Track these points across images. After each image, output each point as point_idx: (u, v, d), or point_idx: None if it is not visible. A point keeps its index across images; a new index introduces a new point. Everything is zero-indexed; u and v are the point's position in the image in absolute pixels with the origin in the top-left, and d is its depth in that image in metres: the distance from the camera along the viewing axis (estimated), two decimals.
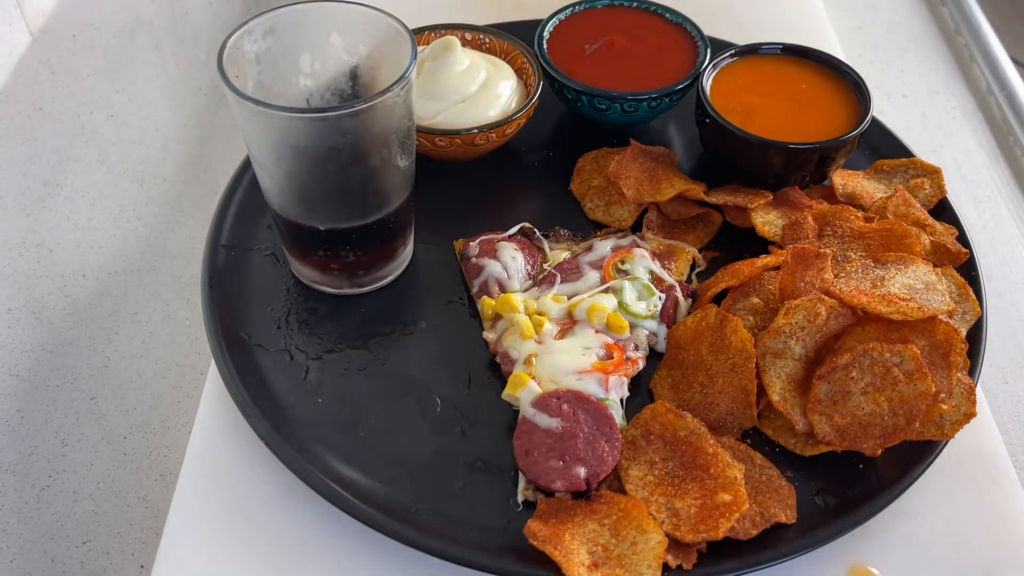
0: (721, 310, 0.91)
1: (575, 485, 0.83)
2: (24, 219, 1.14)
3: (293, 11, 0.90)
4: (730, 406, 0.88)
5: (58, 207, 1.16)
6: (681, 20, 1.18)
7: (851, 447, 0.84)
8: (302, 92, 0.94)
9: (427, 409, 0.91)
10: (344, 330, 0.97)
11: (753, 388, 0.87)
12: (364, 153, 0.87)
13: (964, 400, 0.85)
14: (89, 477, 0.95)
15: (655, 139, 1.17)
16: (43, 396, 1.00)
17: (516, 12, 1.37)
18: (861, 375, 0.84)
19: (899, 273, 0.92)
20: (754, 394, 0.87)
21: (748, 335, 0.88)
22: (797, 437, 0.87)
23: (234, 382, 0.90)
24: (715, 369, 0.89)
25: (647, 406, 0.88)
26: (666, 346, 0.94)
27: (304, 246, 0.95)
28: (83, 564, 0.89)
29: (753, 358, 0.87)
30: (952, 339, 0.85)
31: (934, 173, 1.08)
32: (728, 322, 0.89)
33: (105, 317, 1.07)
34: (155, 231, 1.17)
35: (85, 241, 1.14)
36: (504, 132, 1.07)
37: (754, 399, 0.87)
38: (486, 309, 0.96)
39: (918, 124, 1.34)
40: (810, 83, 1.10)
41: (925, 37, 1.49)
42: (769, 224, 1.02)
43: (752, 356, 0.87)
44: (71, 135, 1.22)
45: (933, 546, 0.84)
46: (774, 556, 0.80)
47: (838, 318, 0.88)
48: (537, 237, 1.04)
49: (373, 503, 0.82)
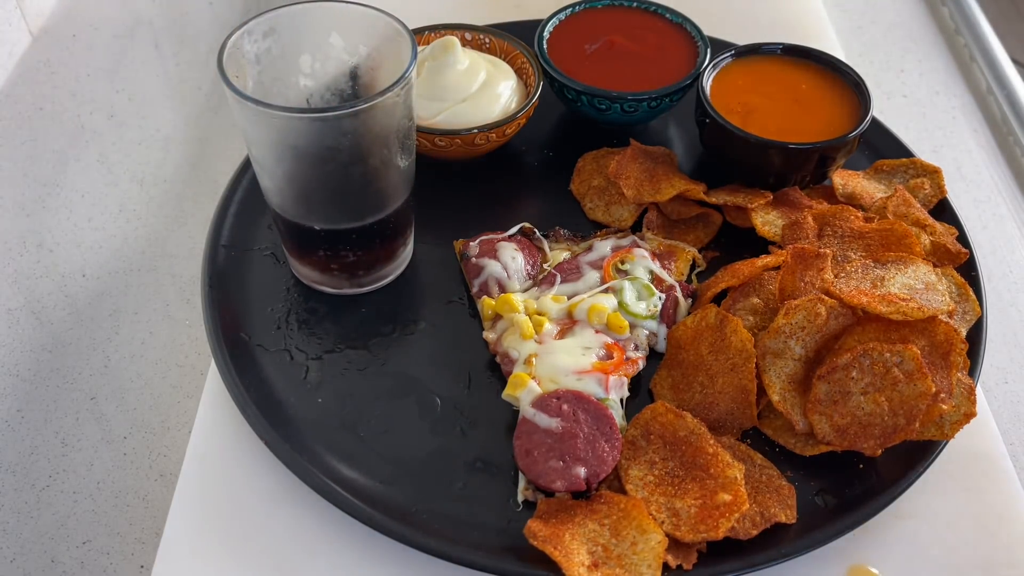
0: (721, 310, 0.91)
1: (575, 485, 0.82)
2: (24, 219, 1.14)
3: (293, 11, 0.90)
4: (730, 406, 0.88)
5: (58, 207, 1.16)
6: (681, 20, 1.18)
7: (851, 447, 0.84)
8: (302, 92, 0.94)
9: (427, 409, 0.91)
10: (344, 330, 0.97)
11: (753, 388, 0.87)
12: (364, 153, 0.87)
13: (964, 400, 0.85)
14: (89, 477, 0.95)
15: (655, 139, 1.17)
16: (43, 396, 1.00)
17: (516, 12, 1.36)
18: (861, 375, 0.84)
19: (899, 273, 0.92)
20: (754, 394, 0.87)
21: (748, 335, 0.88)
22: (797, 437, 0.87)
23: (234, 382, 0.90)
24: (715, 369, 0.89)
25: (647, 406, 0.87)
26: (666, 346, 0.94)
27: (304, 246, 0.95)
28: (83, 564, 0.89)
29: (753, 358, 0.87)
30: (952, 339, 0.85)
31: (934, 173, 1.08)
32: (728, 322, 0.89)
33: (105, 317, 1.07)
34: (155, 231, 1.17)
35: (85, 241, 1.14)
36: (504, 132, 1.07)
37: (754, 399, 0.87)
38: (486, 309, 0.96)
39: (918, 124, 1.34)
40: (810, 83, 1.10)
41: (925, 37, 1.49)
42: (769, 224, 1.02)
43: (752, 356, 0.87)
44: (71, 135, 1.23)
45: (933, 546, 0.84)
46: (774, 556, 0.80)
47: (838, 318, 0.88)
48: (537, 237, 1.04)
49: (373, 503, 0.82)
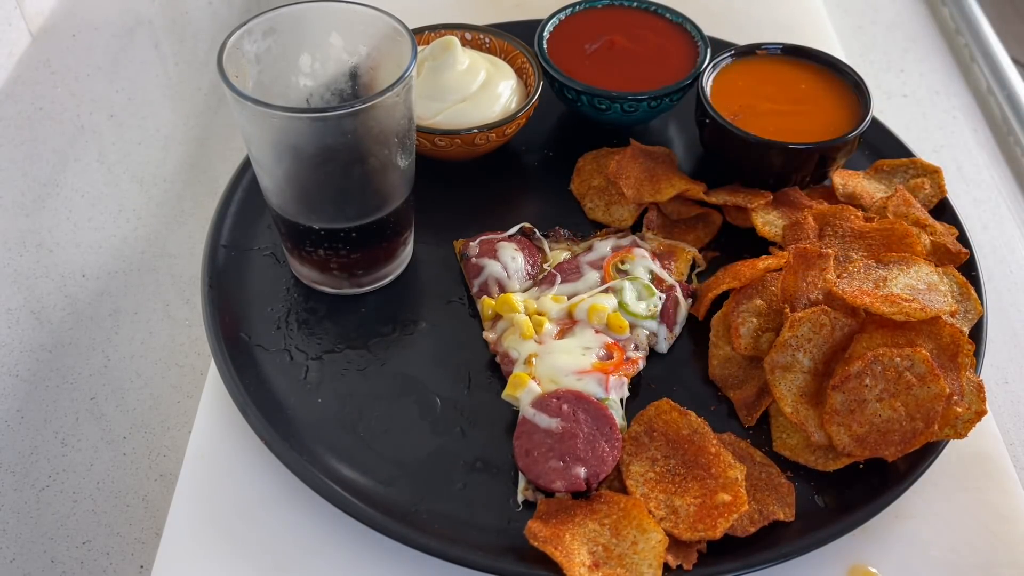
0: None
1: (575, 485, 0.82)
2: (24, 219, 1.14)
3: (293, 11, 0.90)
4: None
5: (58, 207, 1.16)
6: (681, 20, 1.18)
7: (872, 455, 0.83)
8: (302, 92, 0.94)
9: (427, 409, 0.91)
10: (344, 330, 0.97)
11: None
12: (364, 153, 0.87)
13: (975, 399, 0.85)
14: (89, 477, 0.95)
15: (655, 139, 1.17)
16: (43, 396, 1.00)
17: (516, 12, 1.36)
18: (875, 382, 0.83)
19: (901, 273, 0.91)
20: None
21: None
22: (816, 454, 0.86)
23: (234, 382, 0.90)
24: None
25: (651, 403, 0.87)
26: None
27: (304, 246, 0.95)
28: (83, 564, 0.89)
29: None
30: (958, 340, 0.85)
31: (934, 173, 1.08)
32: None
33: (105, 317, 1.07)
34: (155, 231, 1.17)
35: (85, 241, 1.14)
36: (504, 132, 1.07)
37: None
38: (486, 309, 0.96)
39: (918, 124, 1.34)
40: (810, 83, 1.10)
41: (925, 37, 1.49)
42: (769, 224, 1.02)
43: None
44: (71, 135, 1.23)
45: (933, 546, 0.84)
46: (774, 556, 0.80)
47: (843, 328, 0.88)
48: (537, 237, 1.04)
49: (373, 503, 0.82)
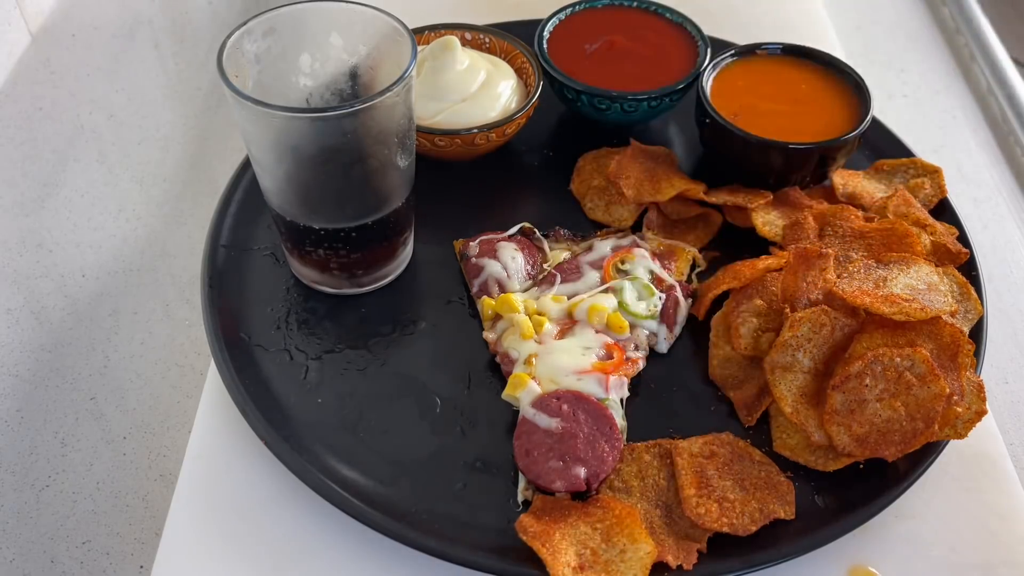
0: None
1: (575, 485, 0.82)
2: (24, 219, 1.14)
3: (293, 11, 0.90)
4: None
5: (58, 207, 1.16)
6: (681, 20, 1.18)
7: (872, 455, 0.83)
8: (302, 92, 0.94)
9: (427, 409, 0.91)
10: (344, 330, 0.97)
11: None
12: (364, 153, 0.87)
13: (975, 399, 0.85)
14: (89, 477, 0.94)
15: (655, 139, 1.16)
16: (43, 396, 1.00)
17: (516, 12, 1.36)
18: (875, 382, 0.83)
19: (901, 273, 0.91)
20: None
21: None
22: (816, 454, 0.86)
23: (234, 382, 0.90)
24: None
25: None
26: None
27: (304, 246, 0.95)
28: (83, 564, 0.89)
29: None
30: (958, 340, 0.85)
31: (934, 173, 1.08)
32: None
33: (104, 317, 1.07)
34: (155, 231, 1.17)
35: (85, 241, 1.14)
36: (504, 132, 1.07)
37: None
38: (486, 309, 0.96)
39: (918, 124, 1.34)
40: (810, 83, 1.10)
41: (925, 37, 1.49)
42: (769, 224, 1.02)
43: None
44: (71, 135, 1.22)
45: (933, 546, 0.84)
46: (774, 556, 0.80)
47: (843, 328, 0.88)
48: (537, 237, 1.04)
49: (373, 503, 0.82)
